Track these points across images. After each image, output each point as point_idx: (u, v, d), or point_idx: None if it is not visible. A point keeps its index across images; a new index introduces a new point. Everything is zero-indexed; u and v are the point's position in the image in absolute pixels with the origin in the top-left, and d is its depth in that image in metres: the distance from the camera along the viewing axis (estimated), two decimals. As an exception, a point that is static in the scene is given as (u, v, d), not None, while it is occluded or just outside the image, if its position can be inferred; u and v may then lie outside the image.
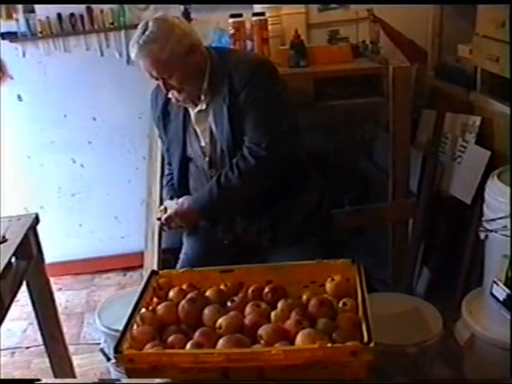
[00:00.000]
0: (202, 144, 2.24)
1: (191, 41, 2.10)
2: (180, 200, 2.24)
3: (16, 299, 2.14)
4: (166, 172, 2.51)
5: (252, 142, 2.10)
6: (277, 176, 2.16)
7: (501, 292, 2.08)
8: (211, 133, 2.19)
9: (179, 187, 2.35)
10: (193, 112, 2.22)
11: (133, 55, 2.08)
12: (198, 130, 2.23)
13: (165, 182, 2.49)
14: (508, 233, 2.09)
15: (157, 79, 2.13)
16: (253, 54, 2.34)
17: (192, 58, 2.10)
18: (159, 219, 2.28)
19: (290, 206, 2.25)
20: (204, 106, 2.17)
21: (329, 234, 2.37)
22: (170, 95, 2.18)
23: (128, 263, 3.87)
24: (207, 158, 2.23)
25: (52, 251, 2.87)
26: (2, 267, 1.93)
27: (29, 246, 2.20)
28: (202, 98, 2.16)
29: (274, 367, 1.56)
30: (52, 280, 2.61)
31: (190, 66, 2.10)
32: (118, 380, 1.71)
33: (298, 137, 2.25)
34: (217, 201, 2.15)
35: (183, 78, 2.10)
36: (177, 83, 2.11)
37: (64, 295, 3.66)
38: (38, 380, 1.34)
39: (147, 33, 2.04)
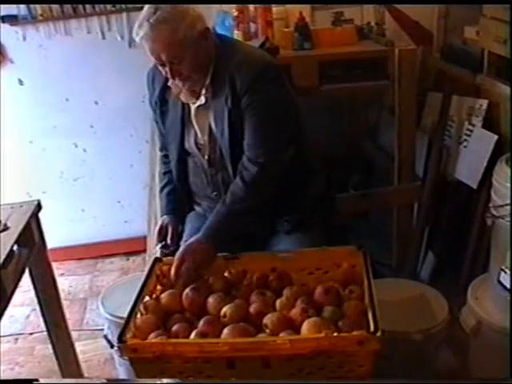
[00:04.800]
0: (200, 141, 2.14)
1: (204, 25, 1.99)
2: (181, 250, 1.97)
3: (19, 285, 2.13)
4: (163, 169, 2.38)
5: (252, 149, 2.02)
6: (281, 178, 2.08)
7: (508, 279, 2.06)
8: (210, 131, 2.10)
9: (179, 181, 2.26)
10: (192, 106, 2.12)
11: (140, 34, 1.91)
12: (196, 126, 2.14)
13: (160, 186, 2.36)
14: (516, 219, 2.06)
15: (162, 65, 1.98)
16: (258, 53, 2.20)
17: (204, 43, 1.99)
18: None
19: (295, 201, 2.17)
20: (203, 101, 2.07)
21: (333, 219, 2.34)
22: (169, 83, 2.08)
23: (131, 248, 3.85)
24: (206, 157, 2.14)
25: (55, 236, 2.86)
26: (4, 256, 1.91)
27: (31, 234, 2.18)
28: (203, 92, 2.05)
29: (280, 356, 1.56)
30: (55, 265, 2.60)
31: (201, 52, 1.98)
32: (127, 380, 1.70)
33: (302, 135, 2.18)
34: (229, 221, 2.01)
35: (193, 65, 1.97)
36: (186, 69, 1.97)
37: (67, 280, 3.65)
38: (36, 380, 1.33)
39: (159, 12, 1.89)
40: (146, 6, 1.95)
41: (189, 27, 1.93)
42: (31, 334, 3.16)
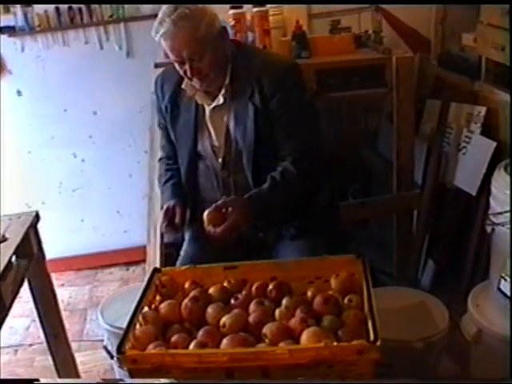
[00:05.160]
0: (215, 143, 2.15)
1: (221, 24, 2.04)
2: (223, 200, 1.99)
3: (18, 296, 2.12)
4: (164, 167, 2.35)
5: (298, 143, 2.05)
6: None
7: (508, 287, 2.05)
8: (227, 132, 2.11)
9: (187, 185, 2.25)
10: (208, 107, 2.13)
11: (161, 32, 1.95)
12: (211, 128, 2.14)
13: (163, 180, 2.32)
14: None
15: (181, 63, 2.00)
16: (277, 54, 2.27)
17: (222, 42, 2.04)
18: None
19: (303, 207, 2.16)
20: (221, 101, 2.07)
21: (334, 228, 2.33)
22: (184, 85, 2.10)
23: (131, 258, 3.85)
24: (220, 159, 2.14)
25: (54, 247, 2.85)
26: (2, 267, 1.90)
27: (29, 245, 2.17)
28: (222, 92, 2.06)
29: (279, 367, 1.54)
30: (54, 276, 2.59)
31: (219, 51, 2.02)
32: (122, 380, 1.69)
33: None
34: (276, 196, 2.03)
35: (213, 62, 2.00)
36: (206, 67, 1.99)
37: (67, 291, 3.65)
38: (37, 380, 1.32)
39: (180, 10, 1.93)
40: (165, 6, 1.99)
41: (209, 25, 1.98)
42: (31, 345, 3.15)
